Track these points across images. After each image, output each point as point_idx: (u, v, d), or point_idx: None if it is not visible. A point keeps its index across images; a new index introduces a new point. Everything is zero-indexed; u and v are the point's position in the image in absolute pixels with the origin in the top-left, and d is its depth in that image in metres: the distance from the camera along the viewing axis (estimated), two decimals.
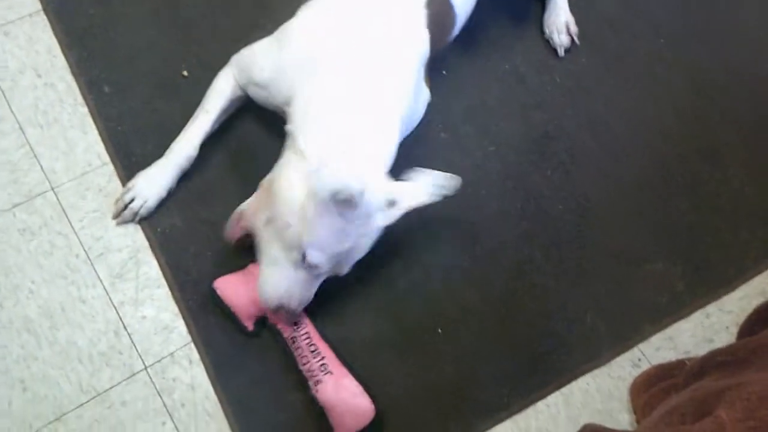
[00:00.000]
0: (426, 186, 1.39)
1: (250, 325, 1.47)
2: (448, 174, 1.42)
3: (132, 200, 1.56)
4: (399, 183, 1.39)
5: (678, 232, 1.71)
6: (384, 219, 1.35)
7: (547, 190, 1.73)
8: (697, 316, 1.63)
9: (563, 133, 1.80)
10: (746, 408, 1.03)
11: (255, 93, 1.57)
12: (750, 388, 1.07)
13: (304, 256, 1.30)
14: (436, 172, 1.41)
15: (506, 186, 1.73)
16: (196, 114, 1.60)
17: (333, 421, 1.39)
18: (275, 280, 1.35)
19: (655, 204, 1.74)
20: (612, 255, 1.67)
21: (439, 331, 1.55)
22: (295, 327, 1.43)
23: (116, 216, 1.57)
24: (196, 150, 1.58)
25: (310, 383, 1.41)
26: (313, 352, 1.42)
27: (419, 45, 1.49)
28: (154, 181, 1.57)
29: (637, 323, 1.61)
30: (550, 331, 1.58)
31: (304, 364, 1.42)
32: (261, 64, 1.52)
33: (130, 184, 1.58)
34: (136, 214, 1.57)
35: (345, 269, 1.39)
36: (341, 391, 1.39)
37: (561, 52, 1.88)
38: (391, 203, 1.35)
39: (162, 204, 1.59)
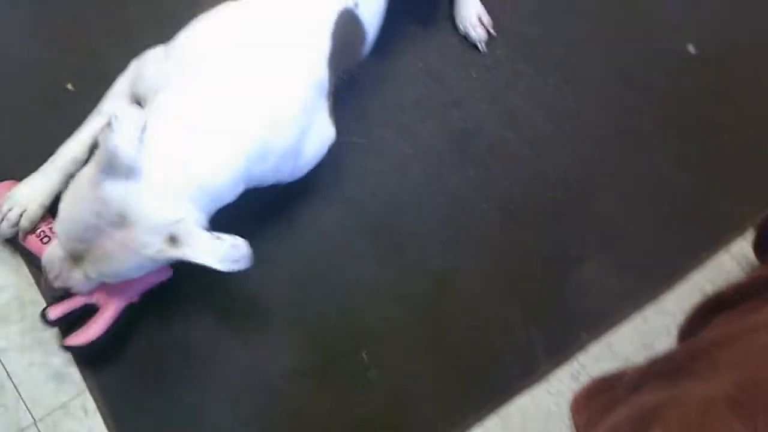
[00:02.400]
0: (222, 250, 1.15)
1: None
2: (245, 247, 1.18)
3: (10, 210, 1.39)
4: (197, 228, 1.16)
5: (609, 229, 1.64)
6: (156, 250, 1.14)
7: (471, 191, 1.65)
8: (636, 320, 1.56)
9: (483, 130, 1.72)
10: (682, 427, 0.96)
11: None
12: (686, 400, 1.01)
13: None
14: (239, 241, 1.17)
15: (428, 190, 1.64)
16: (89, 118, 1.45)
17: None
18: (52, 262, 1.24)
19: (583, 200, 1.67)
20: (543, 258, 1.59)
21: (364, 354, 1.45)
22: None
23: None
24: (85, 153, 1.42)
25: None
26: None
27: (313, 75, 1.34)
28: (36, 187, 1.40)
29: (574, 332, 1.53)
30: (483, 347, 1.49)
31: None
32: (146, 72, 1.39)
33: (8, 194, 1.40)
34: (14, 224, 1.38)
35: (104, 277, 1.21)
36: None
37: (482, 47, 1.79)
38: (173, 240, 1.14)
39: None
